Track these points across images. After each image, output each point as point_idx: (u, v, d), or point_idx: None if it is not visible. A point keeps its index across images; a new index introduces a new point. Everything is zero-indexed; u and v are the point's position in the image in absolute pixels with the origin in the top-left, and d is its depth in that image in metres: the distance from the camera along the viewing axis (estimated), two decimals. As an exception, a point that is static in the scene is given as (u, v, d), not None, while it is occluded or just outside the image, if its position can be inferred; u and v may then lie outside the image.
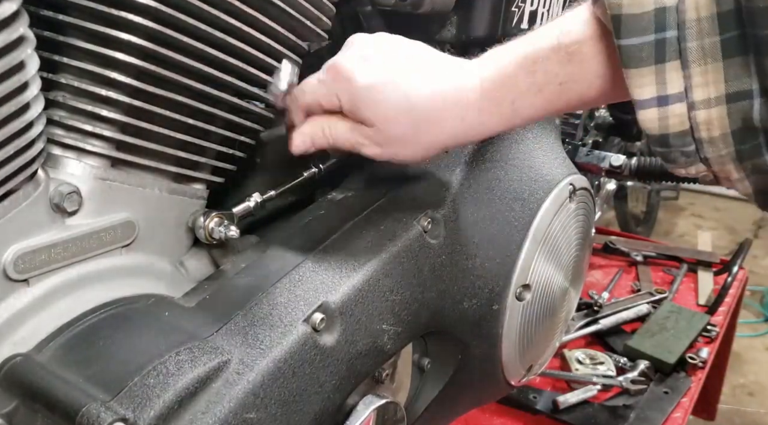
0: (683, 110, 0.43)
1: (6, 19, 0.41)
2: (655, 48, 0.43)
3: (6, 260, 0.48)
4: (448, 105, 0.54)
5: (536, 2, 0.84)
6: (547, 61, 0.50)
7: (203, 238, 0.60)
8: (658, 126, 0.45)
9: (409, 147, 0.57)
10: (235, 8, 0.55)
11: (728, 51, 0.41)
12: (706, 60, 0.42)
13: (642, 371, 1.20)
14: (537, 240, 0.71)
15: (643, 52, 0.43)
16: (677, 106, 0.44)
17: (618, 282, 1.54)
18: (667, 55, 0.43)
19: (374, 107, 0.55)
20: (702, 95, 0.43)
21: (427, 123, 0.55)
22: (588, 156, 1.28)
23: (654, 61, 0.43)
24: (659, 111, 0.44)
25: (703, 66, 0.42)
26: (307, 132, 0.60)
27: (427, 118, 0.55)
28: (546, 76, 0.51)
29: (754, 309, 2.50)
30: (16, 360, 0.48)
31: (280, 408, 0.50)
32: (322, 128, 0.59)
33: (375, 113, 0.55)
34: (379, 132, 0.56)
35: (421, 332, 0.65)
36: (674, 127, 0.44)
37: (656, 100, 0.44)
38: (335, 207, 0.67)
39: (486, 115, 0.54)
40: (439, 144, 0.57)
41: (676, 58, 0.43)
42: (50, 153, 0.52)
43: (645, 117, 0.45)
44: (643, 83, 0.44)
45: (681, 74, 0.43)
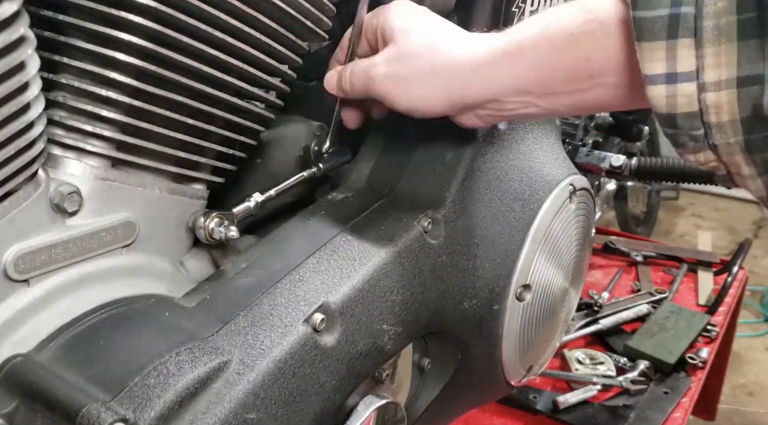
0: (693, 89, 0.42)
1: (6, 20, 0.41)
2: (669, 22, 0.42)
3: (6, 260, 0.48)
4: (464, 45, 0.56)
5: (536, 3, 0.84)
6: (564, 12, 0.51)
7: (203, 238, 0.60)
8: (665, 104, 0.44)
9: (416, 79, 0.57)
10: (235, 8, 0.55)
11: (744, 33, 0.40)
12: (720, 40, 0.41)
13: (642, 371, 1.20)
14: (537, 240, 0.71)
15: (656, 25, 0.43)
16: (686, 85, 0.43)
17: (618, 282, 1.54)
18: (680, 31, 0.42)
19: (402, 20, 0.59)
20: (713, 77, 0.42)
21: (442, 57, 0.56)
22: (588, 156, 1.28)
23: (666, 36, 0.43)
24: (667, 88, 0.43)
25: (717, 46, 0.41)
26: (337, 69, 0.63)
27: (443, 51, 0.56)
28: (558, 19, 0.51)
29: (754, 309, 2.50)
30: (17, 360, 0.48)
31: (281, 409, 0.50)
32: (349, 68, 0.62)
33: (401, 26, 0.58)
34: (395, 48, 0.58)
35: (422, 332, 0.65)
36: (682, 107, 0.43)
37: (665, 76, 0.43)
38: (335, 207, 0.67)
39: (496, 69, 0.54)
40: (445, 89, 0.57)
41: (690, 35, 0.42)
42: (51, 153, 0.52)
43: (654, 93, 0.44)
44: (654, 58, 0.43)
45: (693, 53, 0.42)
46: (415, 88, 0.58)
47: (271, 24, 0.59)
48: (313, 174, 0.70)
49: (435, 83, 0.57)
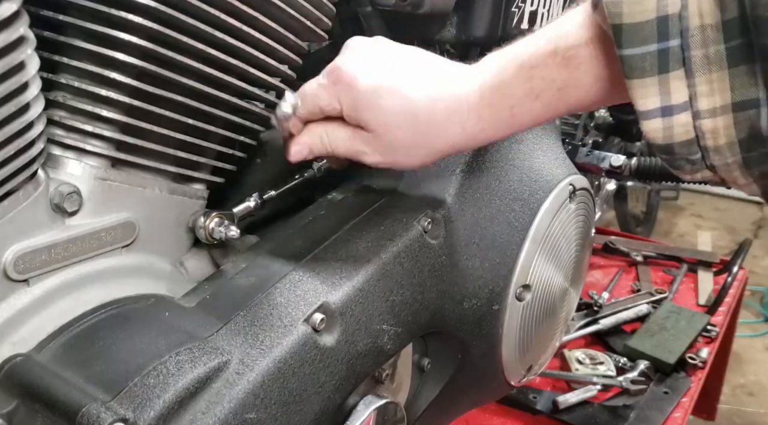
0: (688, 119, 0.43)
1: (6, 20, 0.41)
2: (659, 58, 0.42)
3: (6, 260, 0.48)
4: (449, 112, 0.54)
5: (536, 2, 0.84)
6: (544, 66, 0.50)
7: (203, 238, 0.60)
8: (662, 136, 0.44)
9: (410, 154, 0.56)
10: (236, 8, 0.55)
11: (734, 59, 0.41)
12: (710, 68, 0.41)
13: (642, 371, 1.20)
14: (537, 240, 0.71)
15: (646, 62, 0.43)
16: (682, 115, 0.43)
17: (618, 282, 1.54)
18: (670, 64, 0.42)
19: (376, 111, 0.54)
20: (707, 105, 0.42)
21: (428, 130, 0.55)
22: (588, 156, 1.28)
23: (657, 71, 0.43)
24: (663, 121, 0.43)
25: (708, 75, 0.41)
26: (305, 141, 0.59)
27: (427, 125, 0.54)
28: (543, 82, 0.50)
29: (754, 309, 2.50)
30: (17, 360, 0.48)
31: (281, 409, 0.50)
32: (321, 136, 0.58)
33: (376, 118, 0.54)
34: (379, 138, 0.55)
35: (421, 332, 0.65)
36: (679, 136, 0.43)
37: (660, 110, 0.43)
38: (335, 207, 0.67)
39: (485, 122, 0.54)
40: (439, 151, 0.57)
41: (679, 67, 0.42)
42: (50, 153, 0.52)
43: (649, 127, 0.44)
44: (647, 94, 0.43)
45: (685, 83, 0.42)
46: (414, 162, 0.58)
47: (271, 24, 0.59)
48: (313, 174, 0.70)
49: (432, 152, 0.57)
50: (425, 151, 0.56)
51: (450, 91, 0.54)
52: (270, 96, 0.65)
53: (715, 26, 0.41)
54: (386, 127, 0.55)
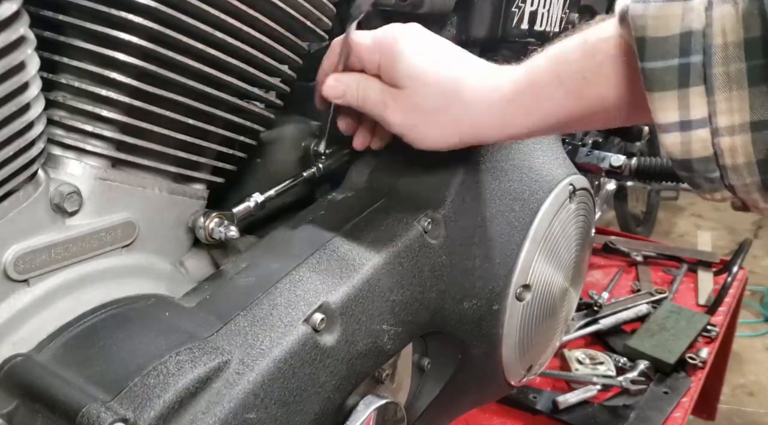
0: (707, 135, 0.43)
1: (6, 20, 0.40)
2: (680, 72, 0.43)
3: (6, 260, 0.48)
4: (477, 92, 0.56)
5: (536, 2, 0.84)
6: (571, 53, 0.51)
7: (203, 238, 0.60)
8: (680, 150, 0.44)
9: (430, 122, 0.57)
10: (236, 8, 0.55)
11: (754, 79, 0.41)
12: (731, 86, 0.41)
13: (642, 371, 1.20)
14: (537, 240, 0.71)
15: (667, 76, 0.43)
16: (701, 131, 0.43)
17: (618, 282, 1.54)
18: (691, 79, 0.42)
19: (412, 69, 0.57)
20: (726, 122, 0.42)
21: (455, 102, 0.56)
22: (588, 156, 1.28)
23: (678, 85, 0.43)
24: (682, 135, 0.44)
25: (728, 92, 0.42)
26: (343, 80, 0.61)
27: (456, 96, 0.56)
28: (569, 67, 0.51)
29: (754, 309, 2.50)
30: (17, 360, 0.48)
31: (281, 409, 0.50)
32: (358, 82, 0.60)
33: (411, 75, 0.57)
34: (408, 96, 0.57)
35: (421, 332, 0.65)
36: (697, 152, 0.44)
37: (679, 124, 0.43)
38: (335, 207, 0.67)
39: (510, 111, 0.55)
40: (459, 131, 0.57)
41: (700, 83, 0.42)
42: (50, 153, 0.52)
43: (668, 141, 0.44)
44: (666, 107, 0.44)
45: (705, 100, 0.42)
46: (432, 135, 0.59)
47: (271, 24, 0.59)
48: (313, 174, 0.70)
49: (452, 129, 0.58)
50: (446, 125, 0.57)
51: (484, 78, 0.56)
52: (270, 96, 0.65)
53: (737, 44, 0.41)
54: (418, 85, 0.56)
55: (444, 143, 0.59)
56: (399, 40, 0.58)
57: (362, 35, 0.60)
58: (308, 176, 0.70)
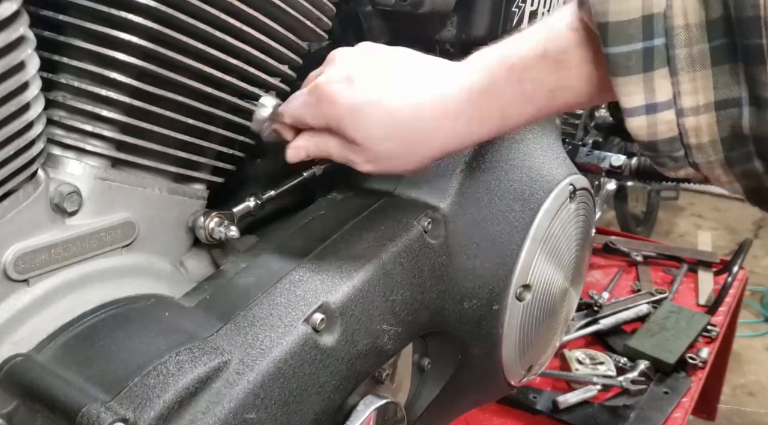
0: (672, 116, 0.43)
1: (6, 20, 0.41)
2: (643, 56, 0.43)
3: (6, 260, 0.48)
4: (435, 118, 0.54)
5: (536, 2, 0.84)
6: (535, 69, 0.50)
7: (203, 238, 0.60)
8: (646, 133, 0.44)
9: (401, 162, 0.57)
10: (236, 8, 0.55)
11: (717, 58, 0.41)
12: (694, 67, 0.42)
13: (642, 371, 1.20)
14: (537, 240, 0.71)
15: (631, 60, 0.43)
16: (666, 113, 0.43)
17: (618, 282, 1.54)
18: (655, 63, 0.43)
19: (360, 129, 0.55)
20: (691, 102, 0.42)
21: (415, 139, 0.55)
22: (588, 156, 1.28)
23: (642, 69, 0.43)
24: (648, 118, 0.44)
25: (692, 73, 0.42)
26: (301, 145, 0.59)
27: (414, 133, 0.55)
28: (534, 85, 0.50)
29: (754, 309, 2.50)
30: (17, 360, 0.48)
31: (281, 409, 0.50)
32: (316, 144, 0.58)
33: (362, 135, 0.55)
34: (368, 151, 0.56)
35: (421, 332, 0.65)
36: (663, 133, 0.44)
37: (645, 108, 0.44)
38: (335, 207, 0.67)
39: (475, 124, 0.54)
40: (430, 156, 0.57)
41: (664, 65, 0.43)
42: (50, 153, 0.52)
43: (634, 124, 0.45)
44: (632, 91, 0.44)
45: (669, 81, 0.43)
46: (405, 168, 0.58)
47: (271, 24, 0.59)
48: (313, 174, 0.70)
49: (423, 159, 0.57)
50: (416, 157, 0.57)
51: (435, 95, 0.54)
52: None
53: (699, 25, 0.41)
54: (372, 141, 0.55)
55: (424, 165, 0.58)
56: (336, 98, 0.54)
57: (297, 103, 0.57)
58: (308, 176, 0.70)
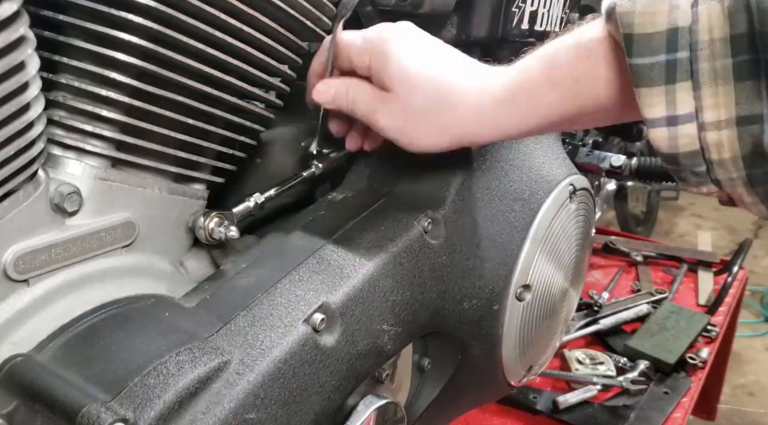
0: (693, 130, 0.43)
1: (6, 20, 0.40)
2: (666, 68, 0.43)
3: (6, 260, 0.48)
4: (468, 94, 0.55)
5: (536, 3, 0.84)
6: (564, 55, 0.51)
7: (203, 238, 0.60)
8: (667, 145, 0.45)
9: (421, 127, 0.57)
10: (236, 8, 0.55)
11: (740, 74, 0.41)
12: (717, 82, 0.42)
13: (642, 371, 1.20)
14: (537, 240, 0.71)
15: (654, 71, 0.43)
16: (687, 126, 0.43)
17: (618, 282, 1.54)
18: (678, 75, 0.43)
19: (402, 72, 0.56)
20: (712, 117, 0.43)
21: (446, 105, 0.56)
22: (588, 156, 1.28)
23: (665, 81, 0.43)
24: (669, 130, 0.44)
25: (714, 88, 0.42)
26: (332, 84, 0.60)
27: (447, 99, 0.55)
28: (562, 71, 0.51)
29: (754, 309, 2.50)
30: (17, 360, 0.48)
31: (281, 409, 0.50)
32: (347, 87, 0.59)
33: (401, 78, 0.56)
34: (398, 100, 0.56)
35: (422, 332, 0.65)
36: (684, 147, 0.44)
37: (666, 120, 0.44)
38: (335, 207, 0.67)
39: (502, 112, 0.55)
40: (450, 133, 0.57)
41: (687, 79, 0.43)
42: (50, 153, 0.52)
43: (655, 135, 0.45)
44: (654, 103, 0.44)
45: (691, 95, 0.43)
46: (422, 139, 0.58)
47: (271, 24, 0.58)
48: (313, 174, 0.70)
49: (442, 132, 0.57)
50: (437, 128, 0.57)
51: (476, 80, 0.56)
52: (270, 96, 0.65)
53: (723, 40, 0.41)
54: (409, 89, 0.56)
55: (435, 146, 0.59)
56: (389, 41, 0.57)
57: (352, 35, 0.59)
58: (308, 176, 0.70)
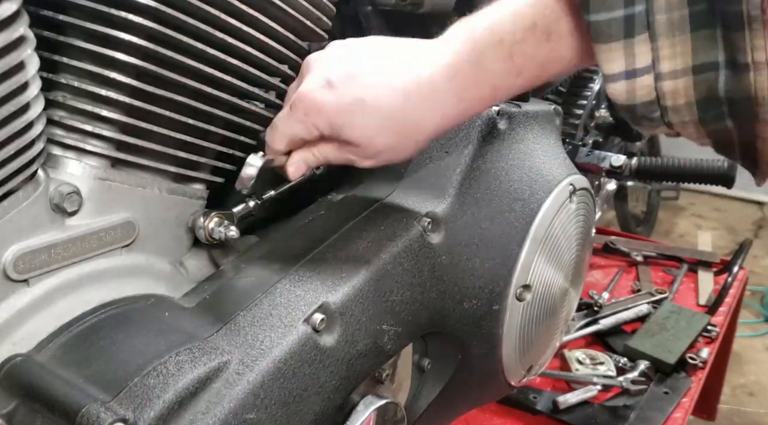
0: (650, 81, 0.45)
1: (6, 20, 0.41)
2: (624, 23, 0.44)
3: (6, 260, 0.48)
4: (424, 101, 0.53)
5: (536, 2, 0.84)
6: (524, 43, 0.50)
7: (203, 238, 0.60)
8: (626, 97, 0.46)
9: (399, 151, 0.57)
10: (236, 8, 0.55)
11: (696, 24, 0.42)
12: (674, 33, 0.43)
13: (642, 371, 1.20)
14: (537, 240, 0.71)
15: (612, 27, 0.44)
16: (645, 78, 0.45)
17: (618, 282, 1.54)
18: (636, 29, 0.44)
19: (353, 129, 0.54)
20: (669, 67, 0.44)
21: (408, 127, 0.55)
22: (588, 156, 1.28)
23: (623, 35, 0.44)
24: (627, 84, 0.45)
25: (671, 38, 0.43)
26: (299, 159, 0.58)
27: (407, 122, 0.54)
28: (525, 59, 0.51)
29: (754, 309, 2.50)
30: (16, 360, 0.48)
31: (281, 409, 0.50)
32: (314, 154, 0.58)
33: (356, 134, 0.54)
34: (366, 148, 0.55)
35: (422, 332, 0.65)
36: (641, 97, 0.45)
37: (624, 74, 0.45)
38: (335, 207, 0.67)
39: (465, 102, 0.54)
40: (427, 138, 0.56)
41: (644, 31, 0.44)
42: (50, 153, 0.52)
43: (614, 89, 0.46)
44: (612, 58, 0.45)
45: (649, 47, 0.44)
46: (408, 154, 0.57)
47: (271, 24, 0.59)
48: (313, 174, 0.70)
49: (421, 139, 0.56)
50: (413, 143, 0.56)
51: (421, 78, 0.53)
52: (270, 96, 0.65)
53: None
54: (367, 139, 0.55)
55: (423, 148, 0.59)
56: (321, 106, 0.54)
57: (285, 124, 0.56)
58: (308, 175, 0.70)
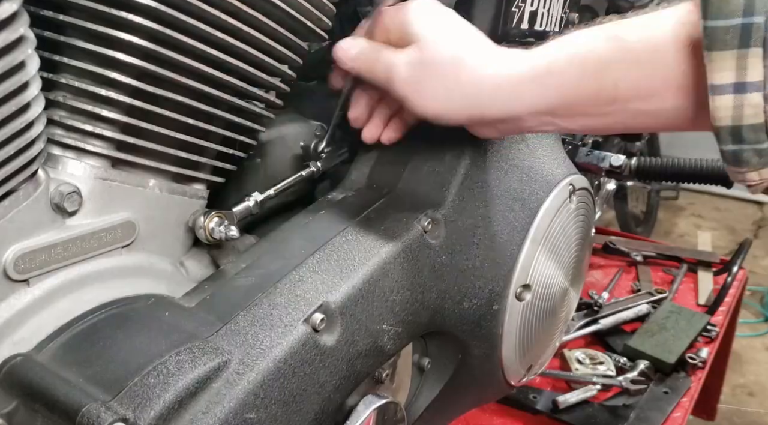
0: (760, 100, 0.42)
1: (6, 20, 0.41)
2: (741, 32, 0.42)
3: (6, 260, 0.48)
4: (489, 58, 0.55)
5: (536, 3, 0.84)
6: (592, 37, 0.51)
7: (203, 238, 0.60)
8: (731, 115, 0.43)
9: (437, 83, 0.56)
10: (236, 8, 0.55)
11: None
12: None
13: (642, 371, 1.20)
14: (537, 240, 0.71)
15: (728, 35, 0.42)
16: (754, 95, 0.42)
17: (618, 282, 1.54)
18: (751, 40, 0.42)
19: (426, 23, 0.57)
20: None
21: (464, 64, 0.55)
22: (588, 156, 1.28)
23: (738, 45, 0.42)
24: (735, 98, 0.43)
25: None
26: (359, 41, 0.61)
27: (466, 61, 0.55)
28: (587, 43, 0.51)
29: (754, 309, 2.50)
30: (16, 360, 0.48)
31: (281, 408, 0.50)
32: (371, 44, 0.60)
33: (424, 28, 0.56)
34: (420, 51, 0.56)
35: (421, 332, 0.65)
36: (748, 118, 0.43)
37: (733, 86, 0.43)
38: (335, 207, 0.67)
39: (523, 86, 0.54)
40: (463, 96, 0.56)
41: (759, 44, 0.42)
42: (50, 153, 0.52)
43: (719, 104, 0.43)
44: (723, 67, 0.43)
45: (762, 62, 0.42)
46: (436, 99, 0.57)
47: (271, 24, 0.58)
48: (313, 173, 0.70)
49: (456, 97, 0.56)
50: (452, 86, 0.56)
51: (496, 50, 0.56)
52: (270, 96, 0.65)
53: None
54: (432, 37, 0.56)
55: (445, 112, 0.57)
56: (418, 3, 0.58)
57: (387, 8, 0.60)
58: (308, 175, 0.70)
